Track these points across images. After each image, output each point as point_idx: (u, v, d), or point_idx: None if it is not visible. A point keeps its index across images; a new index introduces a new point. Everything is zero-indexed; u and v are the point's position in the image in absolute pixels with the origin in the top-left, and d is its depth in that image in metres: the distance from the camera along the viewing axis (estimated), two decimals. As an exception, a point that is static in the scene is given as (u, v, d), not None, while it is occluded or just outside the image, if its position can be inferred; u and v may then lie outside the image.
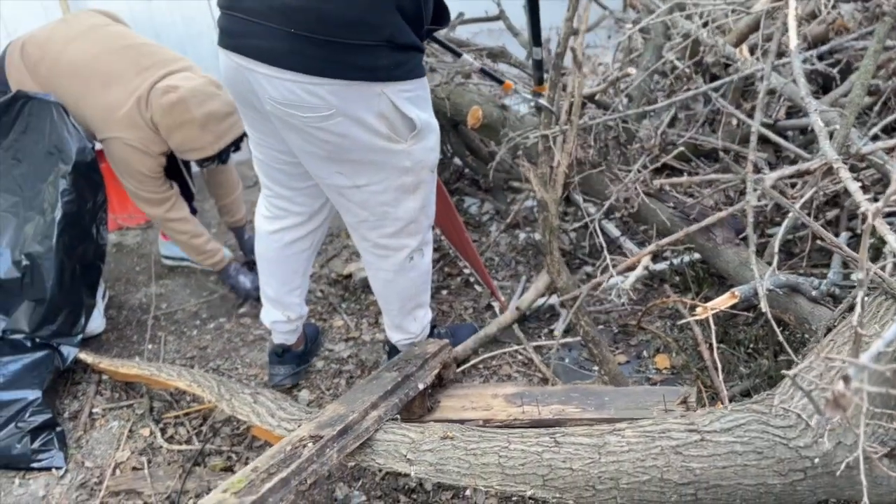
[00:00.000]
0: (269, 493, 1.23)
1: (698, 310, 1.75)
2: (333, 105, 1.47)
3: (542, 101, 2.18)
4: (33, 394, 2.05)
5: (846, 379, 0.80)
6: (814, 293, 1.82)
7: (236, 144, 2.38)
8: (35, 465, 1.98)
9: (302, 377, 2.23)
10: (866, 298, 1.54)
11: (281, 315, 2.11)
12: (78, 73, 2.25)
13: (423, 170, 1.68)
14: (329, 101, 1.47)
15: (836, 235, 2.30)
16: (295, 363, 2.22)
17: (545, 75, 2.11)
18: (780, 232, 1.87)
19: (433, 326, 2.19)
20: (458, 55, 2.20)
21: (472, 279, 2.62)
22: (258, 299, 2.35)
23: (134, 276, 2.84)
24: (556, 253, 1.94)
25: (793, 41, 1.65)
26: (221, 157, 2.35)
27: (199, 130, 2.22)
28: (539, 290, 2.29)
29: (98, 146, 2.39)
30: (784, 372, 0.84)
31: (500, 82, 2.13)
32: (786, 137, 2.52)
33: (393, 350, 2.14)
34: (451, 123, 2.95)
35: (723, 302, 1.74)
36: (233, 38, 1.51)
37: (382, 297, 1.99)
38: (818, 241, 1.92)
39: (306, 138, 1.56)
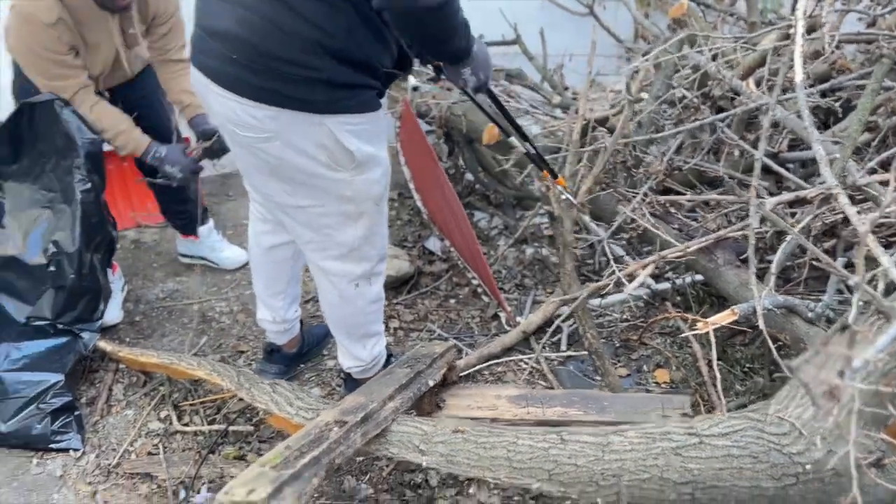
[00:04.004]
0: (305, 468, 1.31)
1: (699, 324, 1.83)
2: (272, 129, 1.53)
3: (568, 195, 2.04)
4: (55, 377, 2.12)
5: (841, 372, 0.90)
6: (810, 315, 1.91)
7: None
8: (53, 445, 2.05)
9: (289, 377, 2.27)
10: (860, 316, 1.64)
11: (268, 314, 2.15)
12: None
13: (366, 201, 1.70)
14: (268, 125, 1.53)
15: (833, 257, 2.40)
16: (284, 363, 2.26)
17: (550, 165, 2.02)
18: (779, 254, 1.97)
19: (390, 355, 2.14)
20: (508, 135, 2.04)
21: (479, 290, 2.71)
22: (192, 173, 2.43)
23: (151, 272, 2.92)
24: (568, 266, 2.03)
25: (798, 75, 1.76)
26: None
27: None
28: (547, 314, 2.38)
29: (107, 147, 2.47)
30: (786, 363, 0.91)
31: (542, 169, 2.01)
32: (787, 170, 2.64)
33: (348, 377, 2.12)
34: (465, 140, 3.06)
35: (723, 318, 1.83)
36: (195, 52, 1.61)
37: (329, 321, 1.99)
38: (814, 262, 2.02)
39: (250, 154, 1.63)
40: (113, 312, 2.57)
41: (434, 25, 1.44)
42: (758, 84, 2.48)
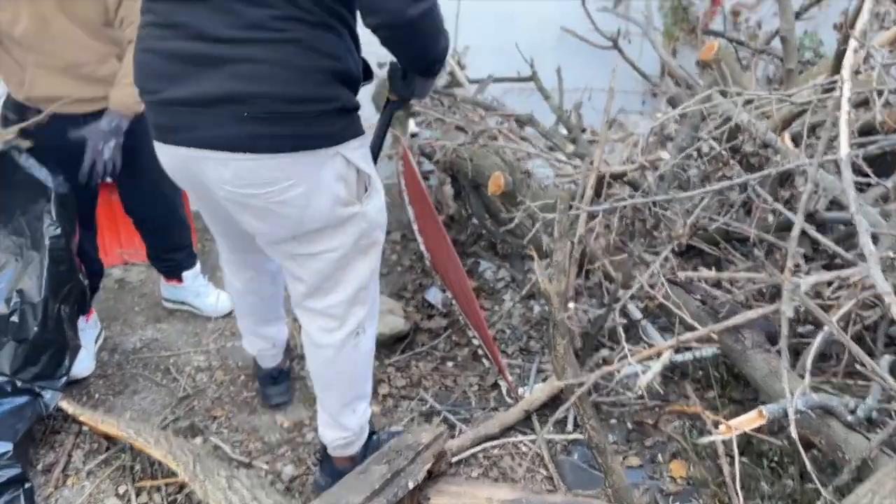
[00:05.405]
0: None
1: (721, 427, 1.60)
2: (293, 175, 1.47)
3: None
4: (5, 446, 1.92)
5: None
6: (849, 418, 1.66)
7: None
8: (-3, 524, 1.86)
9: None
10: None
11: (266, 343, 2.17)
12: None
13: (375, 229, 1.68)
14: (289, 171, 1.46)
15: (874, 343, 2.14)
16: (287, 381, 2.29)
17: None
18: (814, 347, 1.73)
19: (372, 432, 1.96)
20: None
21: (480, 352, 2.49)
22: None
23: (132, 316, 2.73)
24: (560, 349, 1.80)
25: (843, 148, 1.53)
26: None
27: None
28: (552, 391, 2.14)
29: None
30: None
31: None
32: (824, 228, 2.39)
33: (325, 458, 1.91)
34: (472, 184, 2.85)
35: (749, 422, 1.60)
36: (176, 131, 1.47)
37: (322, 382, 1.82)
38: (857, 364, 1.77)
39: (265, 217, 1.54)
40: (84, 363, 2.38)
41: (430, 26, 1.43)
42: (794, 141, 2.23)
